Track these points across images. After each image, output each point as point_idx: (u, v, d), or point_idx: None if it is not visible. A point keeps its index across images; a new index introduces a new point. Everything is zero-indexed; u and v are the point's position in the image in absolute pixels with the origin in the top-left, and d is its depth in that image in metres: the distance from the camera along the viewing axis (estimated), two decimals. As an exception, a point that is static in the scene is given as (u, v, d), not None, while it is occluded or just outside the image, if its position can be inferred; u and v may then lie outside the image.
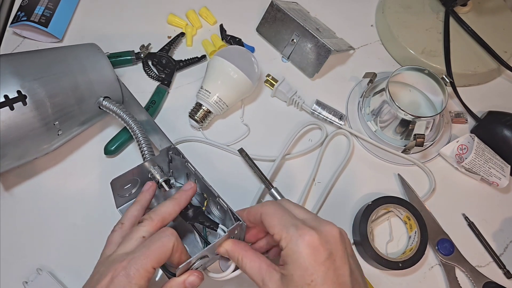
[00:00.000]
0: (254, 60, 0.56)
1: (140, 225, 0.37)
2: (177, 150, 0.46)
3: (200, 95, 0.55)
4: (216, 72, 0.54)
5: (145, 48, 0.61)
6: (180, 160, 0.46)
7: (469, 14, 0.67)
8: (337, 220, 0.53)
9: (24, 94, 0.43)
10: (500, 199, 0.57)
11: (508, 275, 0.51)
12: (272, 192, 0.51)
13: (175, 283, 0.36)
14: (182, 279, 0.36)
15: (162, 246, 0.35)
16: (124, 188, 0.45)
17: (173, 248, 0.35)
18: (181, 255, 0.37)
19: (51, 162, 0.53)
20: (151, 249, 0.35)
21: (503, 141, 0.56)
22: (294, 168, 0.56)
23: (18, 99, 0.42)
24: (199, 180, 0.44)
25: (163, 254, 0.35)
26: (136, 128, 0.49)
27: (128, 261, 0.34)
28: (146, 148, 0.47)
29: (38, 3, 0.61)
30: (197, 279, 0.37)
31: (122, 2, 0.66)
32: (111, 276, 0.33)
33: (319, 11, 0.68)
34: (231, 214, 0.40)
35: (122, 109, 0.49)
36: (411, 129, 0.54)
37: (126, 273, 0.33)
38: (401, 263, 0.48)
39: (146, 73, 0.60)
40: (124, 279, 0.33)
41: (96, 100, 0.49)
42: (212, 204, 0.45)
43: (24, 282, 0.46)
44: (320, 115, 0.58)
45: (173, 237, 0.36)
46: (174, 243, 0.35)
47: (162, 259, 0.35)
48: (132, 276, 0.33)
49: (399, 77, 0.59)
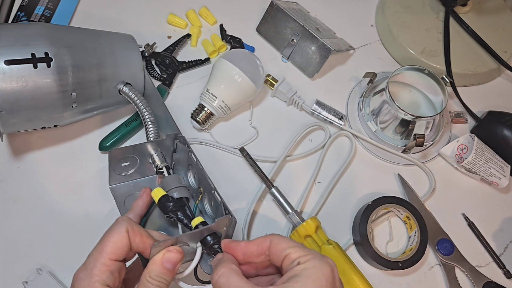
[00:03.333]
0: (259, 64, 0.56)
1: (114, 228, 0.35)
2: (184, 139, 0.46)
3: (204, 98, 0.54)
4: (220, 75, 0.54)
5: (149, 47, 0.61)
6: (184, 150, 0.45)
7: (469, 14, 0.67)
8: (337, 220, 0.53)
9: (50, 57, 0.44)
10: (500, 199, 0.57)
11: (508, 275, 0.51)
12: (273, 192, 0.51)
13: (154, 267, 0.33)
14: (159, 259, 0.33)
15: (113, 235, 0.33)
16: (121, 165, 0.45)
17: (128, 233, 0.33)
18: (144, 239, 0.34)
19: (51, 161, 0.53)
20: (103, 241, 0.33)
21: (503, 141, 0.56)
22: (295, 168, 0.56)
23: (43, 60, 0.44)
24: (199, 172, 0.43)
25: (118, 243, 0.33)
26: (146, 111, 0.49)
27: (85, 262, 0.33)
28: (152, 129, 0.47)
29: (38, 3, 0.61)
30: (175, 255, 0.33)
31: (122, 2, 0.66)
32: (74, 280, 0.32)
33: (319, 11, 0.68)
34: (223, 208, 0.39)
35: (139, 97, 0.50)
36: (411, 129, 0.54)
37: (83, 275, 0.32)
38: (401, 263, 0.48)
39: (148, 71, 0.60)
40: (82, 282, 0.32)
41: (117, 84, 0.50)
42: (206, 201, 0.45)
43: (24, 282, 0.46)
44: (320, 115, 0.58)
45: (124, 222, 0.34)
46: (126, 228, 0.33)
47: (118, 248, 0.33)
48: (90, 274, 0.32)
49: (399, 77, 0.59)
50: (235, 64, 0.53)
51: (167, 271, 0.33)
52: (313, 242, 0.48)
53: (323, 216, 0.53)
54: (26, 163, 0.53)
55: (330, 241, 0.48)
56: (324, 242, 0.47)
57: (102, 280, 0.31)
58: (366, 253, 0.48)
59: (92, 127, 0.55)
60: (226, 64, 0.54)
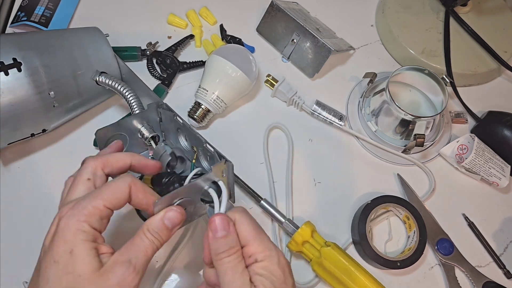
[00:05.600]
0: (251, 58, 0.56)
1: (81, 167, 0.34)
2: (166, 105, 0.45)
3: (199, 94, 0.55)
4: (214, 71, 0.54)
5: (152, 46, 0.61)
6: (169, 115, 0.45)
7: (469, 14, 0.67)
8: (336, 219, 0.53)
9: (19, 61, 0.45)
10: (500, 199, 0.57)
11: (508, 275, 0.51)
12: (263, 204, 0.50)
13: (153, 221, 0.32)
14: (160, 216, 0.32)
15: (114, 187, 0.32)
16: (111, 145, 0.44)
17: (130, 188, 0.32)
18: (147, 196, 0.34)
19: (51, 161, 0.53)
20: (101, 190, 0.32)
21: (503, 141, 0.56)
22: (295, 169, 0.56)
23: (13, 65, 0.44)
24: (187, 132, 0.43)
25: (117, 194, 0.32)
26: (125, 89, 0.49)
27: (75, 202, 0.31)
28: (135, 103, 0.48)
29: (38, 3, 0.61)
30: (177, 214, 0.33)
31: (122, 2, 0.66)
32: (58, 219, 0.30)
33: (319, 11, 0.68)
34: (218, 155, 0.39)
35: (117, 81, 0.49)
36: (411, 129, 0.54)
37: (72, 212, 0.30)
38: (399, 262, 0.48)
39: (149, 70, 0.60)
40: (71, 218, 0.30)
41: (93, 75, 0.50)
42: (202, 158, 0.44)
43: (24, 282, 0.46)
44: (320, 115, 0.58)
45: (127, 177, 0.33)
46: (129, 184, 0.32)
47: (116, 199, 0.32)
48: (79, 213, 0.30)
49: (399, 77, 0.59)
50: (228, 59, 0.54)
51: (165, 228, 0.32)
52: (311, 247, 0.48)
53: (323, 215, 0.53)
54: (26, 163, 0.53)
55: (328, 243, 0.48)
56: (322, 245, 0.47)
57: (91, 222, 0.30)
58: (365, 252, 0.48)
59: (88, 125, 0.56)
60: (219, 59, 0.54)
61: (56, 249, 0.29)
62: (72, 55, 0.49)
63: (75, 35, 0.51)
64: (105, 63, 0.51)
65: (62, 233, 0.29)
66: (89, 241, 0.30)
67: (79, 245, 0.29)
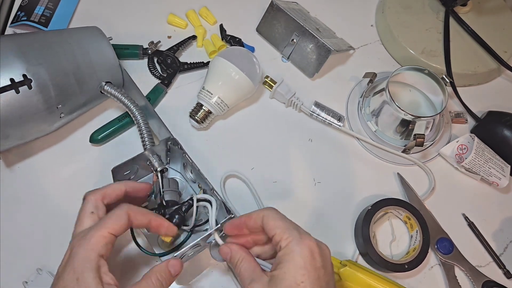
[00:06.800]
0: (256, 61, 0.56)
1: (83, 202, 0.39)
2: (175, 141, 0.48)
3: (201, 96, 0.54)
4: (217, 73, 0.54)
5: (153, 45, 0.61)
6: (178, 151, 0.48)
7: (469, 14, 0.67)
8: (338, 222, 0.53)
9: (29, 78, 0.44)
10: (500, 199, 0.57)
11: (508, 275, 0.51)
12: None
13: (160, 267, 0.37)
14: (165, 263, 0.38)
15: (115, 216, 0.37)
16: (123, 174, 0.47)
17: (128, 214, 0.37)
18: (148, 216, 0.39)
19: (51, 161, 0.53)
20: (105, 220, 0.36)
21: (503, 141, 0.56)
22: (295, 168, 0.56)
23: (24, 83, 0.43)
24: (195, 171, 0.46)
25: (119, 221, 0.37)
26: (138, 115, 0.50)
27: (83, 234, 0.36)
28: (147, 137, 0.49)
29: (38, 3, 0.61)
30: (178, 263, 0.38)
31: (121, 2, 0.66)
32: (70, 250, 0.35)
33: (319, 11, 0.68)
34: (225, 207, 0.43)
35: (124, 95, 0.51)
36: (411, 129, 0.54)
37: (80, 243, 0.35)
38: (406, 265, 0.47)
39: (149, 69, 0.60)
40: (81, 249, 0.34)
41: (98, 84, 0.50)
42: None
43: (24, 282, 0.46)
44: (318, 116, 0.58)
45: (124, 205, 0.38)
46: (127, 211, 0.37)
47: (118, 225, 0.36)
48: (88, 243, 0.35)
49: (399, 77, 0.59)
50: (232, 62, 0.53)
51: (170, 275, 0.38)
52: None
53: (325, 219, 0.53)
54: (26, 163, 0.53)
55: (343, 262, 0.47)
56: (338, 267, 0.47)
57: (97, 249, 0.35)
58: (373, 259, 0.48)
59: (88, 125, 0.56)
60: (223, 62, 0.54)
61: (66, 276, 0.34)
62: (76, 63, 0.48)
63: (77, 36, 0.50)
64: (109, 68, 0.51)
65: (72, 262, 0.34)
66: (95, 269, 0.34)
67: (85, 273, 0.33)
